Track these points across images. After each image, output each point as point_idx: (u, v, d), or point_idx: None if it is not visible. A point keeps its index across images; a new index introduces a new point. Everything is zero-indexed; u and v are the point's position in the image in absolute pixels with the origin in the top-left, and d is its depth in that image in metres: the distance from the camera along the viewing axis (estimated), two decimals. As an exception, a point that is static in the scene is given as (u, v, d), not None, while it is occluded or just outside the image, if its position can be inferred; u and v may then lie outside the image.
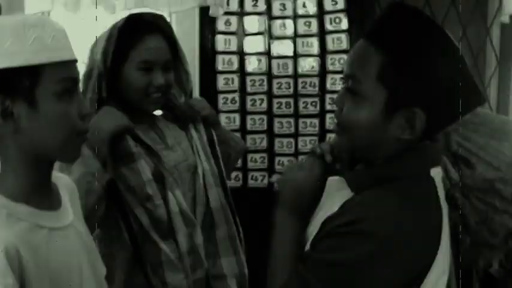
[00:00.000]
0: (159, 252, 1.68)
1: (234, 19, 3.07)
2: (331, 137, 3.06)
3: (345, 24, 3.03)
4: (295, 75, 3.09)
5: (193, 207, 1.80)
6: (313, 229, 1.21)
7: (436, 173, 1.19)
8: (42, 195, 1.14)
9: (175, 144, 1.85)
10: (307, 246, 1.19)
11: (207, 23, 3.06)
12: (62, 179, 1.28)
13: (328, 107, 3.08)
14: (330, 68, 3.06)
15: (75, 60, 1.14)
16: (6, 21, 1.08)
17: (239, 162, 2.73)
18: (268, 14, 3.07)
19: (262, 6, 3.06)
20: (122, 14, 1.84)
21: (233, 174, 2.98)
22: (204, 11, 2.97)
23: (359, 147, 1.17)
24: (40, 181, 1.15)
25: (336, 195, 1.19)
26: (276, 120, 3.12)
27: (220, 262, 1.82)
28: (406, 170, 1.15)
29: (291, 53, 3.08)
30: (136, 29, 1.76)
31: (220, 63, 3.09)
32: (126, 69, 1.74)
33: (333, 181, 1.23)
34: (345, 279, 1.08)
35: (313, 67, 3.07)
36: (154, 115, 1.88)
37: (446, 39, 1.11)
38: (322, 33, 3.05)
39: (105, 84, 1.74)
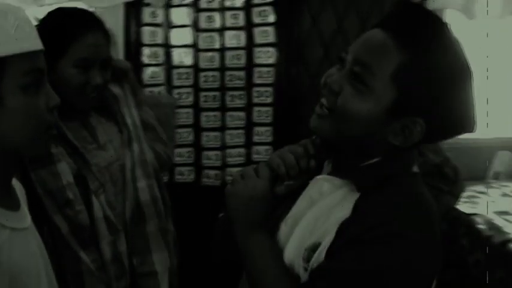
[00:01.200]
0: (79, 261, 1.60)
1: (160, 11, 3.02)
2: (258, 130, 3.08)
3: (272, 18, 3.03)
4: (222, 69, 3.08)
5: (124, 205, 1.73)
6: (305, 233, 1.12)
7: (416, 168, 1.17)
8: (4, 194, 1.08)
9: (107, 142, 1.75)
10: (313, 256, 1.09)
11: (132, 14, 3.00)
12: (16, 181, 1.22)
13: (255, 100, 3.09)
14: (257, 61, 3.06)
15: (41, 50, 1.07)
16: None
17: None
18: (195, 6, 3.04)
19: (189, -2, 3.03)
20: (50, 8, 1.72)
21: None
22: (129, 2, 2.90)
23: (345, 137, 1.10)
24: (4, 179, 1.09)
25: (330, 195, 1.13)
26: (203, 114, 3.11)
27: (151, 258, 1.75)
28: (404, 168, 1.13)
29: (217, 46, 3.06)
30: (76, 23, 1.64)
31: (146, 55, 3.04)
32: (62, 66, 1.61)
33: (323, 181, 1.17)
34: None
35: (240, 60, 3.06)
36: (87, 111, 1.76)
37: (466, 62, 1.08)
38: (249, 26, 3.05)
39: None
